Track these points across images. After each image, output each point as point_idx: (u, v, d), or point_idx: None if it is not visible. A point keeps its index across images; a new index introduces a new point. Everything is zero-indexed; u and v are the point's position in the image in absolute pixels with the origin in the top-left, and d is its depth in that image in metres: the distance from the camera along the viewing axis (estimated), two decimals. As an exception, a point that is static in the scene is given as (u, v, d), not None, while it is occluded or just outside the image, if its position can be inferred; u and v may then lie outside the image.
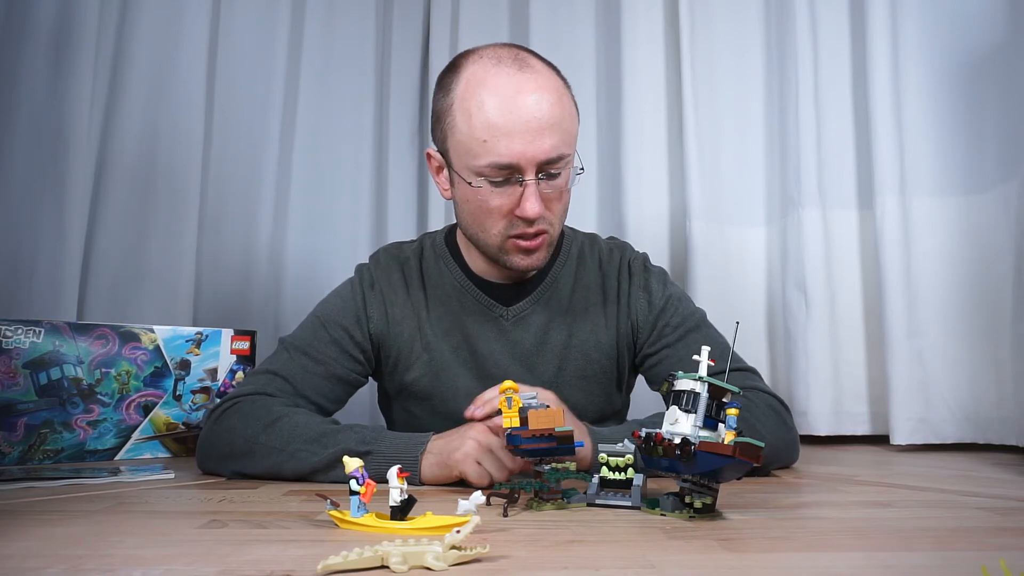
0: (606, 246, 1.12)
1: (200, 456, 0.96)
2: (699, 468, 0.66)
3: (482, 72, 0.90)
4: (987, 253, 1.29)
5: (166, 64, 1.61)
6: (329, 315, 1.04)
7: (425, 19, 2.03)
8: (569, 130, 0.93)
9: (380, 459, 0.84)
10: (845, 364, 1.44)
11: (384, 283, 1.05)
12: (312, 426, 0.90)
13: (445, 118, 0.93)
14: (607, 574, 0.50)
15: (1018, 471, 1.02)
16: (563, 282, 1.07)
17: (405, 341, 1.04)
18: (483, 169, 0.90)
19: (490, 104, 0.88)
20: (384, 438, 0.88)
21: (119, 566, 0.51)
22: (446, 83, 0.94)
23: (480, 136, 0.89)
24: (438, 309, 1.05)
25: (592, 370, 1.06)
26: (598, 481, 0.75)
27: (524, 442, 0.70)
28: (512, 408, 0.71)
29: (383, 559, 0.51)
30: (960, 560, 0.54)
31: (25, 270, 1.40)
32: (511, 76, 0.89)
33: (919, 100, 1.37)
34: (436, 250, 1.09)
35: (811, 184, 1.46)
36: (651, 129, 1.71)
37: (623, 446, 0.74)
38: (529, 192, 0.90)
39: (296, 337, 1.03)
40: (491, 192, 0.91)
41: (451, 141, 0.93)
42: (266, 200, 1.72)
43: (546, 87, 0.90)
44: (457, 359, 1.04)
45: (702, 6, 1.66)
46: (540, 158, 0.89)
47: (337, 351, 1.01)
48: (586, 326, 1.05)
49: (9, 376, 1.04)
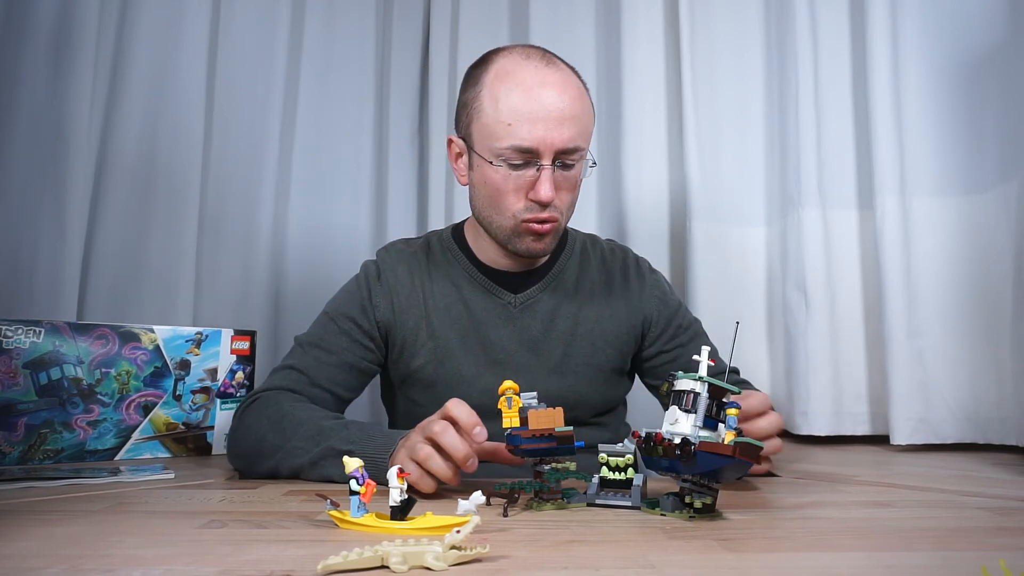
0: (607, 245, 1.19)
1: (228, 455, 1.01)
2: (699, 468, 0.66)
3: (511, 64, 0.98)
4: (987, 253, 1.29)
5: (166, 64, 1.61)
6: (337, 309, 1.09)
7: (425, 19, 2.03)
8: (586, 126, 1.00)
9: (363, 457, 0.83)
10: (845, 364, 1.43)
11: (390, 274, 1.10)
12: (312, 422, 0.91)
13: (472, 104, 1.00)
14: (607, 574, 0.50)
15: (1018, 471, 1.02)
16: (568, 273, 1.12)
17: (410, 329, 1.07)
18: (504, 151, 0.96)
19: (516, 92, 0.95)
20: (370, 437, 0.86)
21: (119, 566, 0.52)
22: (475, 74, 1.02)
23: (505, 120, 0.95)
24: (445, 297, 1.09)
25: (597, 358, 1.09)
26: (598, 481, 0.75)
27: (524, 442, 0.70)
28: (512, 408, 0.71)
29: (383, 559, 0.51)
30: (960, 560, 0.54)
31: (25, 270, 1.40)
32: (538, 69, 0.97)
33: (919, 100, 1.37)
34: (443, 243, 1.14)
35: (811, 184, 1.46)
36: (651, 129, 1.70)
37: (623, 446, 0.74)
38: (544, 176, 0.96)
39: (309, 334, 1.09)
40: (509, 174, 0.97)
41: (476, 125, 0.99)
42: (266, 200, 1.72)
43: (569, 83, 0.98)
44: (463, 346, 1.07)
45: (702, 6, 1.66)
46: (558, 146, 0.95)
47: (347, 341, 1.06)
48: (591, 315, 1.10)
49: (9, 376, 1.04)
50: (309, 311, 1.79)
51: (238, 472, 0.98)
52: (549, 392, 1.06)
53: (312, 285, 1.81)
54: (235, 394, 1.23)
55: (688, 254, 1.61)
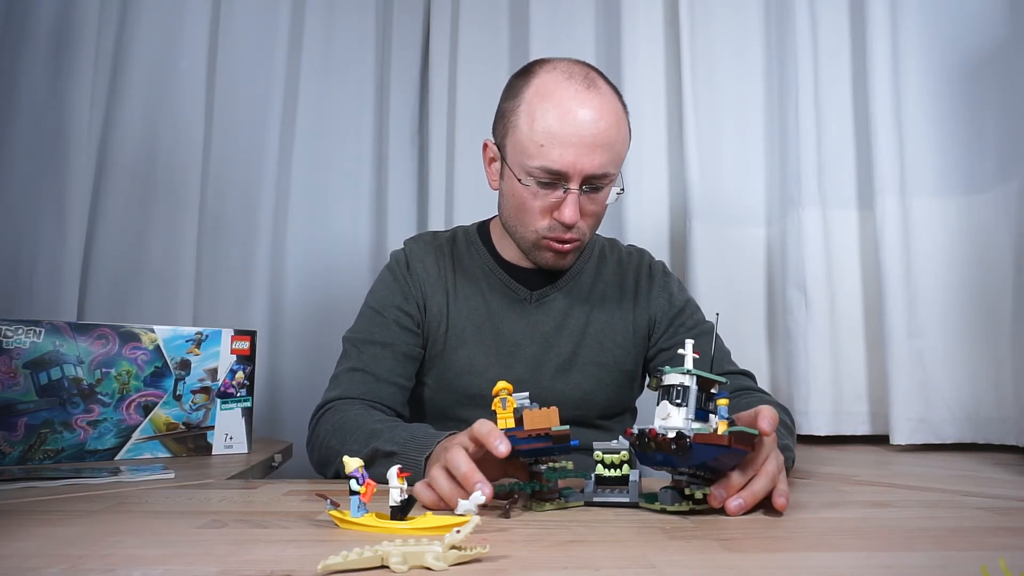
0: (625, 249, 1.22)
1: (310, 463, 1.04)
2: (695, 460, 0.66)
3: (552, 83, 0.97)
4: (987, 253, 1.29)
5: (166, 64, 1.61)
6: (381, 302, 1.11)
7: (425, 19, 2.03)
8: (620, 153, 0.99)
9: (404, 460, 0.84)
10: (845, 364, 1.43)
11: (417, 264, 1.13)
12: (365, 426, 0.94)
13: (509, 116, 1.00)
14: (607, 574, 0.50)
15: (1018, 471, 1.02)
16: (585, 275, 1.14)
17: (434, 315, 1.11)
18: (534, 170, 0.96)
19: (553, 113, 0.95)
20: (413, 438, 0.87)
21: (119, 566, 0.51)
22: (517, 85, 1.01)
23: (538, 140, 0.95)
24: (466, 289, 1.12)
25: (605, 358, 1.11)
26: (594, 479, 0.75)
27: (520, 442, 0.70)
28: (507, 409, 0.71)
29: (383, 559, 0.51)
30: (960, 560, 0.54)
31: (25, 270, 1.40)
32: (578, 92, 0.96)
33: (919, 100, 1.37)
34: (468, 237, 1.17)
35: (811, 184, 1.46)
36: (651, 129, 1.70)
37: (618, 443, 0.74)
38: (570, 200, 0.97)
39: (358, 330, 1.10)
40: (537, 192, 0.98)
41: (510, 139, 1.00)
42: (266, 200, 1.72)
43: (607, 108, 0.97)
44: (478, 336, 1.09)
45: (702, 6, 1.65)
46: (587, 172, 0.95)
47: (399, 330, 1.08)
48: (602, 316, 1.12)
49: (9, 376, 1.04)
50: (309, 311, 1.81)
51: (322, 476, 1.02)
52: (555, 388, 1.08)
53: (312, 285, 1.81)
54: (235, 394, 1.23)
55: (688, 254, 1.61)
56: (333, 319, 1.80)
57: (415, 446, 0.85)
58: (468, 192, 1.85)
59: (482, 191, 1.17)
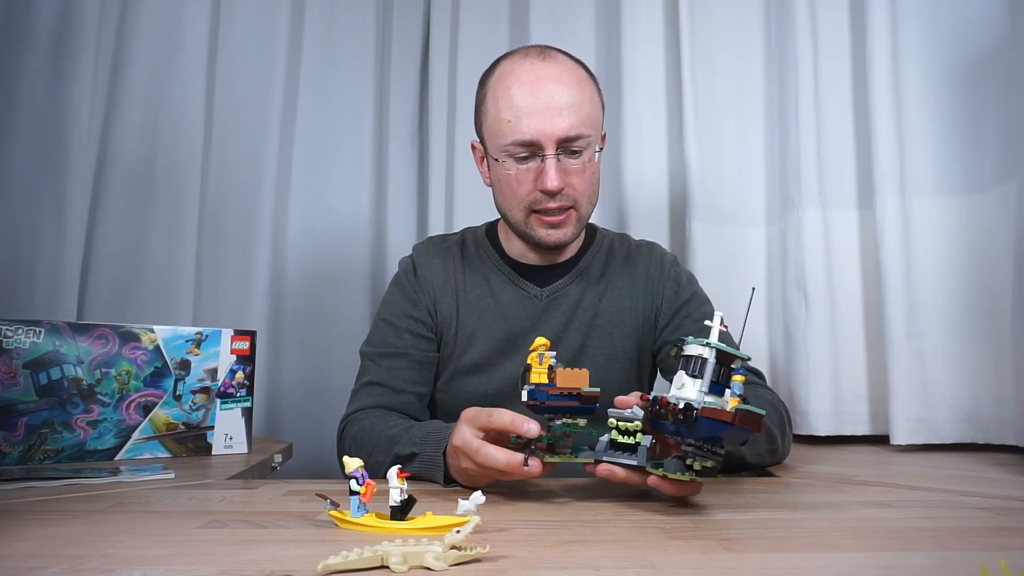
0: (635, 243, 1.22)
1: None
2: (700, 432, 0.67)
3: (511, 65, 1.03)
4: (987, 253, 1.29)
5: (166, 64, 1.61)
6: (392, 313, 1.13)
7: (425, 19, 2.03)
8: (589, 113, 1.01)
9: (424, 459, 0.87)
10: (845, 364, 1.43)
11: (425, 268, 1.15)
12: (384, 434, 0.95)
13: (480, 107, 1.06)
14: (607, 574, 0.50)
15: (1018, 471, 1.02)
16: (594, 268, 1.16)
17: (444, 318, 1.13)
18: (508, 147, 1.00)
19: (514, 88, 1.00)
20: (428, 435, 0.89)
21: (119, 566, 0.52)
22: (483, 79, 1.07)
23: (506, 117, 0.99)
24: (475, 289, 1.13)
25: (614, 349, 1.12)
26: (607, 440, 0.75)
27: (549, 398, 0.72)
28: (543, 365, 0.73)
29: (383, 559, 0.51)
30: (960, 560, 0.54)
31: (25, 270, 1.40)
32: (534, 65, 1.01)
33: (919, 100, 1.37)
34: (476, 239, 1.19)
35: (811, 184, 1.46)
36: (651, 129, 1.70)
37: (632, 412, 0.75)
38: (548, 165, 0.99)
39: (373, 344, 1.13)
40: (517, 169, 1.01)
41: (485, 127, 1.05)
42: (266, 200, 1.72)
43: (566, 74, 1.01)
44: (488, 333, 1.11)
45: (702, 6, 1.65)
46: (559, 135, 0.98)
47: (412, 338, 1.11)
48: (611, 307, 1.13)
49: (9, 376, 1.04)
50: (309, 311, 1.81)
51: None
52: None
53: (312, 285, 1.81)
54: (235, 394, 1.23)
55: (688, 254, 1.61)
56: (333, 319, 1.80)
57: (432, 442, 0.87)
58: (468, 192, 1.85)
59: (482, 191, 1.17)
